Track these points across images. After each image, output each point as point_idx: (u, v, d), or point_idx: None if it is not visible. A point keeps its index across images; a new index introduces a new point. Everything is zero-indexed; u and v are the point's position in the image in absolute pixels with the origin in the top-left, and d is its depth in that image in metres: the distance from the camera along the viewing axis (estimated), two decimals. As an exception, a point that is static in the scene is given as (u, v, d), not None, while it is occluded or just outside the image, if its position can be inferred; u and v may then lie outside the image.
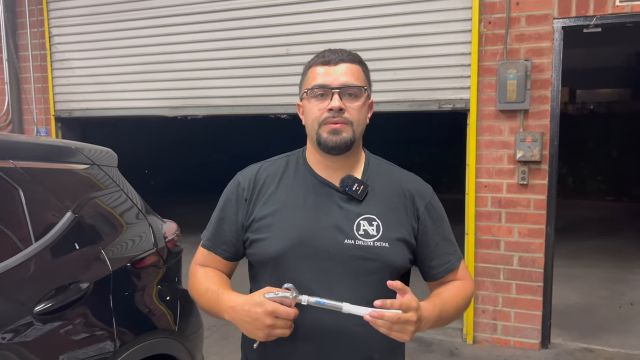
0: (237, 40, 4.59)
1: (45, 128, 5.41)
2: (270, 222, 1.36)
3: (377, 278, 1.32)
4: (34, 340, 1.79)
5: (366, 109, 1.39)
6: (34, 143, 2.32)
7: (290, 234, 1.34)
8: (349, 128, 1.33)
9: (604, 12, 3.58)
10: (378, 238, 1.33)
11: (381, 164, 1.47)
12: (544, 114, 3.79)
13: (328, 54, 1.37)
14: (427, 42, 4.03)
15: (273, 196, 1.39)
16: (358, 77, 1.36)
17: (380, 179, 1.41)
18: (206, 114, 4.83)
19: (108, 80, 5.14)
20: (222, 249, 1.45)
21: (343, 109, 1.31)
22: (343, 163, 1.39)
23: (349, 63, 1.36)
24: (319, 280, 1.31)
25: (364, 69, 1.40)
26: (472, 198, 4.02)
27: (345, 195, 1.36)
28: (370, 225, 1.34)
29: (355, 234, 1.33)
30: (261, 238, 1.37)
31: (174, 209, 7.88)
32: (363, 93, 1.36)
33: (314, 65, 1.38)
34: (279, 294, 1.22)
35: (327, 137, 1.32)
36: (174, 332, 2.51)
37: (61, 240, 2.03)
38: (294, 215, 1.35)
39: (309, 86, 1.35)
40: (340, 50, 1.39)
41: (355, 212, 1.35)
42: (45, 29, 5.29)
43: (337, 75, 1.33)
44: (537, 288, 3.93)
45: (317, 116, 1.34)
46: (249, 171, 1.46)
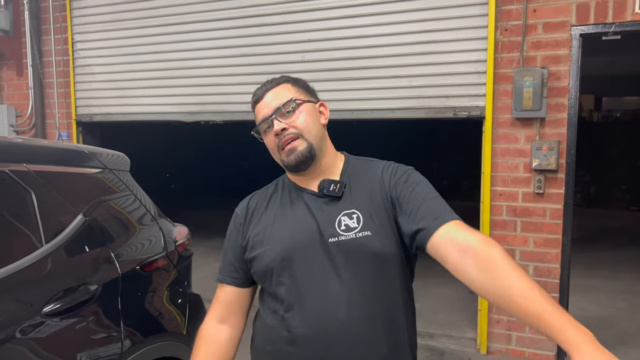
0: (254, 47, 4.64)
1: (67, 132, 5.53)
2: (263, 237, 1.44)
3: (368, 267, 1.34)
4: (41, 340, 1.83)
5: (311, 114, 1.44)
6: (47, 147, 2.38)
7: (281, 243, 1.40)
8: (301, 140, 1.39)
9: (623, 19, 3.52)
10: (359, 229, 1.35)
11: (361, 162, 1.50)
12: (560, 122, 3.73)
13: (257, 91, 1.47)
14: (443, 49, 4.01)
15: (264, 215, 1.48)
16: (283, 94, 1.43)
17: (358, 175, 1.45)
18: (223, 119, 4.88)
19: (128, 86, 5.24)
20: (232, 277, 1.52)
21: (285, 128, 1.39)
22: (318, 172, 1.44)
23: (273, 89, 1.44)
24: (315, 281, 1.35)
25: (293, 83, 1.47)
26: (487, 206, 3.97)
27: (325, 197, 1.41)
28: (350, 218, 1.37)
29: (337, 231, 1.36)
30: (257, 254, 1.43)
31: (195, 213, 7.99)
32: (295, 103, 1.41)
33: (253, 109, 1.48)
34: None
35: (287, 159, 1.40)
36: (183, 335, 2.53)
37: (71, 242, 2.07)
38: (281, 226, 1.42)
39: (257, 126, 1.46)
40: (265, 82, 1.48)
41: (336, 210, 1.39)
42: (68, 35, 5.41)
43: (267, 105, 1.42)
44: (553, 299, 3.85)
45: (273, 146, 1.43)
46: (244, 201, 1.56)
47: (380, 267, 1.35)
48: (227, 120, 4.91)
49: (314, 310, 1.33)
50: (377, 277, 1.35)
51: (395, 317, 1.38)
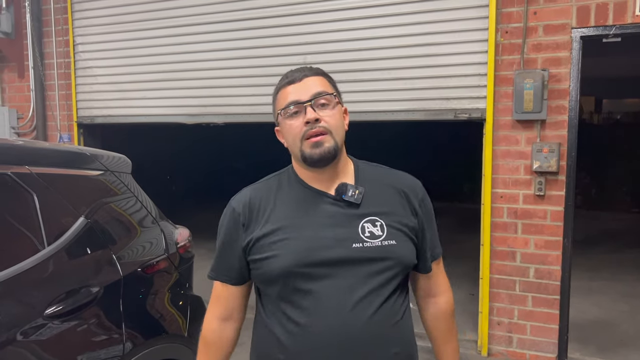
0: (255, 49, 4.64)
1: (68, 134, 5.54)
2: (275, 240, 1.37)
3: (390, 276, 1.36)
4: (43, 342, 1.83)
5: (341, 116, 1.42)
6: (49, 149, 2.38)
7: (298, 248, 1.34)
8: (329, 137, 1.35)
9: (624, 21, 3.53)
10: (384, 237, 1.36)
11: (370, 167, 1.50)
12: (561, 124, 3.74)
13: (291, 74, 1.41)
14: (443, 52, 4.01)
15: (273, 214, 1.40)
16: (326, 86, 1.40)
17: (372, 181, 1.44)
18: (224, 121, 4.89)
19: (129, 88, 5.25)
20: (227, 275, 1.48)
21: (319, 119, 1.34)
22: (332, 173, 1.41)
23: (313, 76, 1.40)
24: (336, 287, 1.33)
25: (329, 80, 1.44)
26: (487, 208, 3.98)
27: (343, 202, 1.38)
28: (374, 226, 1.36)
29: (362, 237, 1.35)
30: (267, 256, 1.37)
31: (194, 214, 7.98)
32: (334, 100, 1.39)
33: (281, 88, 1.41)
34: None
35: (310, 151, 1.34)
36: (184, 337, 2.54)
37: (73, 244, 2.08)
38: (298, 230, 1.36)
39: (282, 107, 1.39)
40: (303, 67, 1.44)
41: (357, 216, 1.37)
42: (70, 37, 5.42)
43: (305, 89, 1.36)
44: (554, 301, 3.86)
45: (296, 133, 1.35)
46: (241, 196, 1.47)
47: (400, 276, 1.40)
48: (228, 122, 4.91)
49: (334, 315, 1.32)
50: (398, 285, 1.40)
51: (397, 317, 1.40)
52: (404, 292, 1.46)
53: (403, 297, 1.45)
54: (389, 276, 1.36)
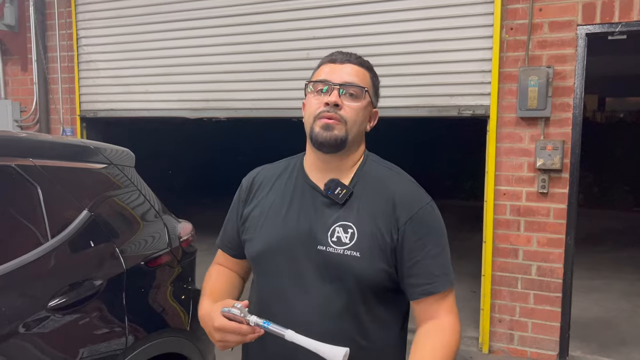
0: (258, 44, 4.64)
1: (71, 127, 5.54)
2: (257, 223, 1.40)
3: (347, 287, 1.28)
4: (46, 334, 1.83)
5: (366, 114, 1.36)
6: (53, 142, 2.38)
7: (270, 235, 1.36)
8: (342, 126, 1.29)
9: (630, 18, 3.51)
10: (349, 247, 1.28)
11: (378, 168, 1.39)
12: (565, 121, 3.73)
13: (337, 54, 1.37)
14: (448, 48, 4.00)
15: (264, 198, 1.42)
16: (362, 79, 1.34)
17: (369, 184, 1.35)
18: (226, 116, 4.89)
19: (132, 82, 5.24)
20: (228, 247, 1.53)
21: (339, 105, 1.29)
22: (335, 165, 1.35)
23: (355, 65, 1.35)
24: (288, 284, 1.32)
25: (372, 76, 1.39)
26: (490, 206, 3.97)
27: (328, 199, 1.33)
28: (345, 232, 1.29)
29: (328, 241, 1.29)
30: (248, 238, 1.42)
31: (197, 208, 7.99)
32: (364, 95, 1.33)
33: (322, 64, 1.38)
34: (231, 310, 1.23)
35: (318, 131, 1.30)
36: (186, 331, 2.53)
37: (77, 237, 2.07)
38: (276, 218, 1.37)
39: (313, 80, 1.36)
40: (352, 53, 1.38)
41: (333, 218, 1.31)
42: (73, 31, 5.42)
43: (340, 73, 1.33)
44: (556, 299, 3.86)
45: (313, 110, 1.32)
46: (252, 172, 1.51)
47: (356, 290, 1.28)
48: (230, 117, 4.91)
49: (289, 311, 1.30)
50: (352, 297, 1.28)
51: (363, 342, 1.30)
52: (371, 312, 1.31)
53: (370, 316, 1.31)
54: (347, 287, 1.28)
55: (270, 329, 1.20)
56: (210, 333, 1.28)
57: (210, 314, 1.28)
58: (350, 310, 1.29)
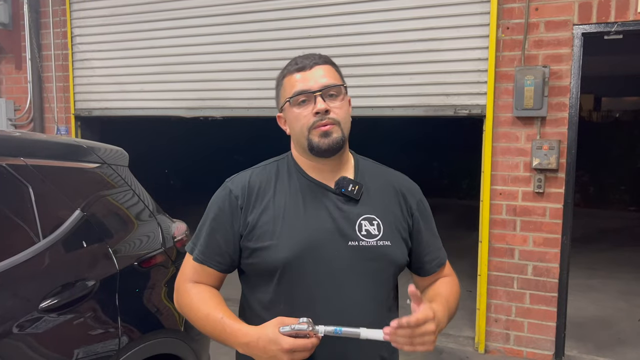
0: (255, 42, 4.62)
1: (65, 127, 5.51)
2: (273, 229, 1.33)
3: (383, 277, 1.37)
4: (38, 336, 1.81)
5: (349, 107, 1.41)
6: (45, 141, 2.35)
7: (296, 239, 1.31)
8: (337, 128, 1.33)
9: (626, 18, 3.50)
10: (380, 237, 1.35)
11: (370, 164, 1.49)
12: (561, 121, 3.72)
13: (301, 60, 1.37)
14: (444, 47, 3.99)
15: (272, 202, 1.36)
16: (335, 76, 1.37)
17: (372, 178, 1.43)
18: (222, 115, 4.87)
19: (127, 81, 5.21)
20: (216, 260, 1.38)
21: (329, 110, 1.32)
22: (334, 165, 1.39)
23: (323, 65, 1.37)
24: (329, 284, 1.31)
25: (337, 69, 1.42)
26: (486, 205, 3.96)
27: (342, 196, 1.37)
28: (371, 224, 1.35)
29: (358, 235, 1.34)
30: (265, 246, 1.32)
31: (192, 208, 7.96)
32: (343, 91, 1.37)
33: (288, 74, 1.37)
34: (295, 327, 1.18)
35: (318, 140, 1.31)
36: (180, 332, 2.52)
37: (69, 237, 2.05)
38: (296, 220, 1.33)
39: (289, 94, 1.34)
40: (312, 54, 1.39)
41: (355, 213, 1.36)
42: (67, 29, 5.38)
43: (315, 79, 1.33)
44: (552, 298, 3.86)
45: (304, 122, 1.33)
46: (240, 178, 1.41)
47: (393, 278, 1.40)
48: (226, 116, 4.89)
49: (330, 312, 1.28)
50: (390, 286, 1.40)
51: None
52: (395, 296, 1.46)
53: (394, 300, 1.45)
54: (382, 278, 1.36)
55: (344, 333, 1.21)
56: (275, 357, 1.18)
57: (268, 338, 1.20)
58: (388, 299, 1.39)
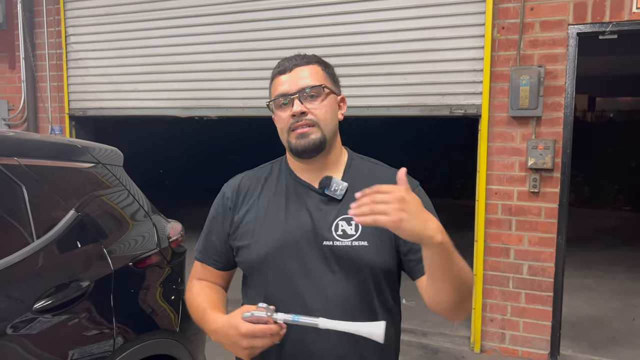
0: (250, 42, 4.61)
1: (59, 126, 5.48)
2: (254, 228, 1.38)
3: (359, 279, 1.31)
4: (32, 337, 1.79)
5: (333, 106, 1.38)
6: (39, 141, 2.34)
7: (272, 238, 1.35)
8: (316, 129, 1.33)
9: (620, 18, 3.52)
10: (356, 237, 1.31)
11: (364, 163, 1.45)
12: (556, 121, 3.73)
13: (283, 62, 1.38)
14: (440, 47, 3.99)
15: (256, 202, 1.41)
16: (316, 77, 1.36)
17: (360, 177, 1.39)
18: (217, 115, 4.85)
19: (122, 80, 5.19)
20: (214, 259, 1.47)
21: (305, 112, 1.32)
22: (321, 164, 1.38)
23: (304, 66, 1.36)
24: (298, 284, 1.32)
25: (324, 67, 1.40)
26: (482, 205, 3.97)
27: (324, 196, 1.36)
28: (348, 224, 1.32)
29: (334, 235, 1.32)
30: (245, 244, 1.39)
31: (187, 208, 7.93)
32: (322, 91, 1.35)
33: (274, 77, 1.39)
34: (254, 313, 1.21)
35: (295, 142, 1.33)
36: (176, 332, 2.51)
37: (63, 238, 2.04)
38: (275, 219, 1.37)
39: (272, 98, 1.38)
40: (296, 55, 1.40)
41: (334, 213, 1.34)
42: (61, 28, 5.35)
43: (293, 81, 1.34)
44: (547, 298, 3.86)
45: (284, 125, 1.35)
46: (233, 181, 1.49)
47: (370, 279, 1.32)
48: (221, 116, 4.88)
49: (303, 310, 1.27)
50: (366, 288, 1.32)
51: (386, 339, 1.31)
52: (383, 299, 1.36)
53: (381, 303, 1.35)
54: (358, 279, 1.31)
55: (302, 321, 1.19)
56: (236, 342, 1.23)
57: (229, 323, 1.25)
58: (366, 301, 1.33)
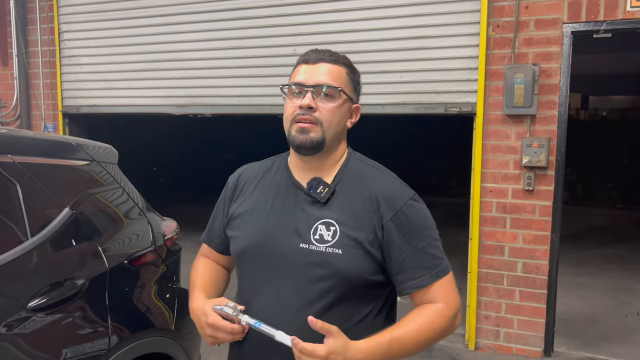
0: (244, 39, 4.59)
1: (52, 124, 5.44)
2: (241, 222, 1.42)
3: (326, 286, 1.28)
4: (27, 335, 1.78)
5: (343, 112, 1.35)
6: (33, 138, 2.32)
7: (252, 233, 1.38)
8: (317, 128, 1.31)
9: (615, 17, 3.53)
10: (332, 244, 1.28)
11: (361, 167, 1.40)
12: (551, 119, 3.74)
13: (310, 53, 1.37)
14: (435, 45, 3.99)
15: (250, 196, 1.44)
16: (337, 78, 1.34)
17: (352, 182, 1.36)
18: (212, 112, 4.84)
19: (115, 78, 5.16)
20: (215, 242, 1.55)
21: (314, 108, 1.30)
22: (317, 164, 1.37)
23: (329, 63, 1.34)
24: (268, 281, 1.33)
25: (350, 72, 1.38)
26: (476, 203, 3.98)
27: (310, 197, 1.35)
28: (327, 230, 1.30)
29: (311, 239, 1.30)
30: (234, 235, 1.44)
31: (182, 206, 7.93)
32: (338, 95, 1.32)
33: (297, 64, 1.39)
34: (223, 308, 1.29)
35: (295, 135, 1.32)
36: (171, 331, 2.50)
37: (58, 236, 2.03)
38: (259, 216, 1.39)
39: (289, 84, 1.37)
40: (326, 50, 1.38)
41: (315, 216, 1.32)
42: (55, 25, 5.32)
43: (314, 74, 1.33)
44: (541, 295, 3.88)
45: (289, 113, 1.34)
46: (237, 171, 1.53)
47: (338, 288, 1.28)
48: (215, 114, 4.86)
49: (262, 306, 1.32)
50: (335, 297, 1.28)
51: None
52: (348, 310, 1.30)
53: (347, 315, 1.30)
54: (325, 286, 1.28)
55: (262, 329, 1.23)
56: (202, 328, 1.33)
57: (203, 309, 1.33)
58: (331, 308, 1.29)
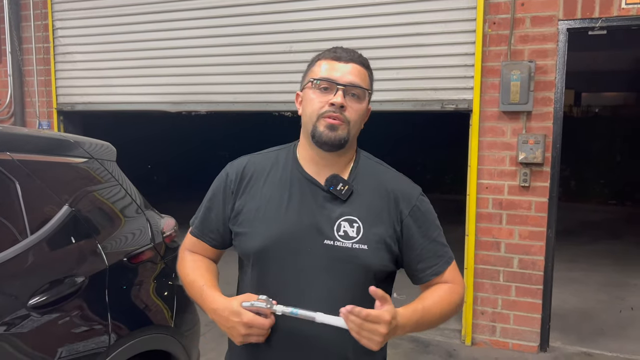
0: (240, 36, 4.58)
1: (47, 121, 5.41)
2: (254, 217, 1.38)
3: (354, 280, 1.32)
4: (27, 333, 1.78)
5: (364, 114, 1.39)
6: (32, 136, 2.31)
7: (271, 230, 1.35)
8: (345, 127, 1.32)
9: (610, 14, 3.55)
10: (357, 240, 1.32)
11: (371, 164, 1.45)
12: (547, 116, 3.76)
13: (340, 51, 1.38)
14: (431, 42, 4.00)
15: (259, 191, 1.40)
16: (364, 79, 1.36)
17: (366, 179, 1.40)
18: (207, 110, 4.83)
19: (110, 75, 5.14)
20: (210, 237, 1.48)
21: (344, 107, 1.31)
22: (333, 161, 1.38)
23: (358, 65, 1.36)
24: (296, 278, 1.32)
25: (370, 74, 1.41)
26: (473, 199, 3.99)
27: (329, 194, 1.36)
28: (350, 226, 1.33)
29: (335, 235, 1.32)
30: (244, 232, 1.39)
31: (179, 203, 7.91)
32: (366, 96, 1.36)
33: (324, 58, 1.38)
34: (254, 304, 1.26)
35: (323, 130, 1.31)
36: (170, 328, 2.50)
37: (57, 233, 2.02)
38: (276, 212, 1.36)
39: (316, 76, 1.35)
40: (353, 50, 1.40)
41: (337, 213, 1.34)
42: (49, 22, 5.28)
43: (345, 73, 1.34)
44: (537, 291, 3.91)
45: (316, 108, 1.33)
46: (237, 163, 1.47)
47: (366, 282, 1.30)
48: (210, 111, 4.86)
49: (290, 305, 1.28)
50: (360, 291, 1.29)
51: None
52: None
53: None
54: (353, 281, 1.32)
55: (300, 314, 1.23)
56: (233, 327, 1.27)
57: (231, 309, 1.28)
58: (356, 302, 1.29)
